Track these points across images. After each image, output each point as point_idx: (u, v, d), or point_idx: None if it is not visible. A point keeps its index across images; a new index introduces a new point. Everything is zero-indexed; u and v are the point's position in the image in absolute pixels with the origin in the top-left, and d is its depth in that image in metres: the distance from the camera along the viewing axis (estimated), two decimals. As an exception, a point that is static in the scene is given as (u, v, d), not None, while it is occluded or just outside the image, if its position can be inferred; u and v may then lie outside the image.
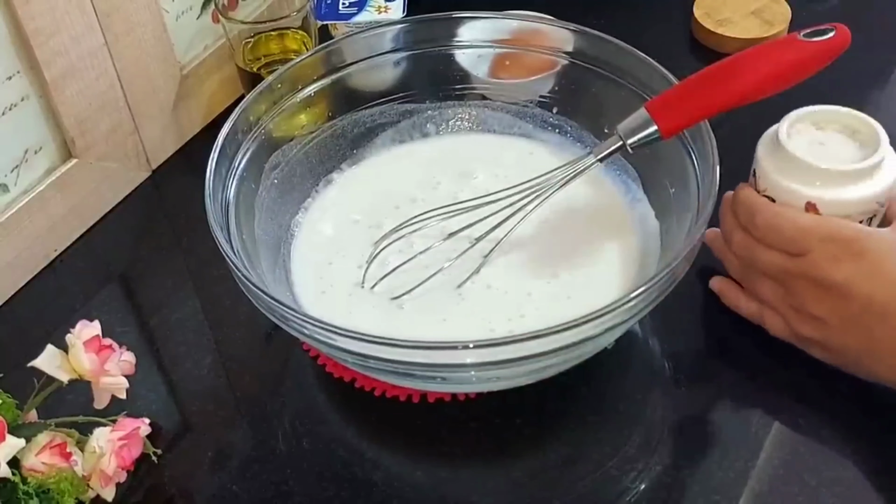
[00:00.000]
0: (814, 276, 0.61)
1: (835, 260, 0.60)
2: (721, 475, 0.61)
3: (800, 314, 0.63)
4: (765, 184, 0.65)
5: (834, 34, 0.62)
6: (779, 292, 0.64)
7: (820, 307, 0.61)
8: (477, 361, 0.57)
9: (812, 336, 0.62)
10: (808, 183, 0.63)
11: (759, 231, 0.63)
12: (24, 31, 0.69)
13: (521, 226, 0.67)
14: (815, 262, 0.60)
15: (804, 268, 0.61)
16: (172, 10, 0.82)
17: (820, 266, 0.60)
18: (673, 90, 0.65)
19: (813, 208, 0.63)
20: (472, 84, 0.79)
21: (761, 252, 0.64)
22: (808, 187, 0.63)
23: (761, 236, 0.63)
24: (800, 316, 0.63)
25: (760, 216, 0.63)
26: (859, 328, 0.60)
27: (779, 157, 0.64)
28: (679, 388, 0.66)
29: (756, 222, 0.63)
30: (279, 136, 0.73)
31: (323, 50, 0.75)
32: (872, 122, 0.65)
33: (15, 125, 0.72)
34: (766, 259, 0.63)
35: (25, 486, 0.56)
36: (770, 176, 0.64)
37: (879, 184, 0.63)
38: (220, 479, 0.64)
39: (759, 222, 0.63)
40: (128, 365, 0.62)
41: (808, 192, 0.63)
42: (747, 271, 0.66)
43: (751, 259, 0.65)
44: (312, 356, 0.69)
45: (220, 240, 0.61)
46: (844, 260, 0.60)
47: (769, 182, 0.64)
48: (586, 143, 0.76)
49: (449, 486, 0.63)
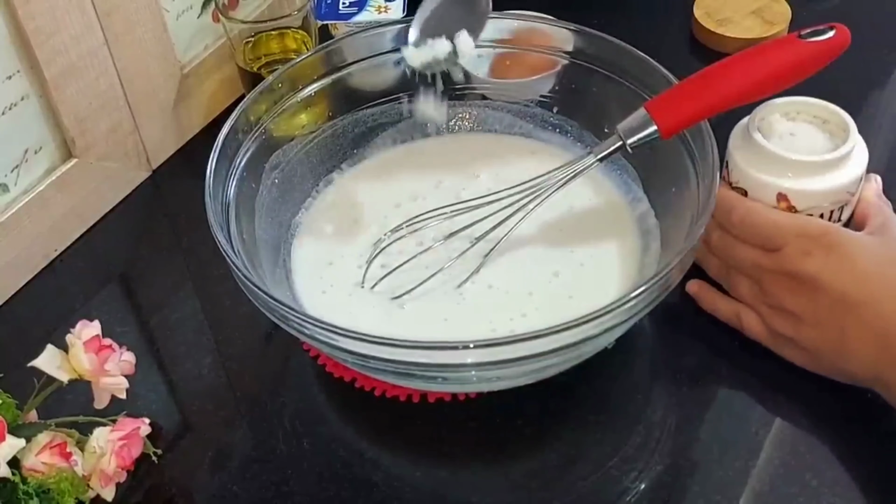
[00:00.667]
0: (787, 270, 0.62)
1: (806, 254, 0.61)
2: (721, 475, 0.61)
3: (774, 310, 0.63)
4: (737, 176, 0.66)
5: (833, 34, 0.63)
6: (755, 290, 0.65)
7: (793, 302, 0.62)
8: (477, 361, 0.57)
9: (786, 333, 0.63)
10: (779, 174, 0.64)
11: (735, 228, 0.64)
12: (24, 30, 0.69)
13: (522, 225, 0.67)
14: (788, 256, 0.62)
15: (778, 262, 0.62)
16: (173, 10, 0.82)
17: (793, 260, 0.61)
18: (673, 90, 0.65)
19: (784, 199, 0.64)
20: (473, 84, 0.79)
21: (738, 249, 0.65)
22: (779, 178, 0.64)
23: (737, 233, 0.64)
24: (774, 312, 0.63)
25: (736, 213, 0.64)
26: (831, 323, 0.61)
27: (750, 150, 0.65)
28: (679, 388, 0.66)
29: (732, 219, 0.64)
30: (279, 136, 0.73)
31: (323, 50, 0.75)
32: (841, 112, 0.66)
33: (15, 125, 0.72)
34: (743, 255, 0.64)
35: (25, 486, 0.56)
36: (741, 168, 0.65)
37: (849, 173, 0.64)
38: (220, 479, 0.64)
39: (735, 219, 0.64)
40: (128, 365, 0.62)
41: (779, 183, 0.64)
42: (725, 270, 0.67)
43: (728, 256, 0.66)
44: (312, 356, 0.69)
45: (220, 240, 0.61)
46: (816, 254, 0.61)
47: (741, 174, 0.65)
48: (587, 142, 0.76)
49: (449, 486, 0.63)
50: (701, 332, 0.69)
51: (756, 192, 0.65)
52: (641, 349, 0.69)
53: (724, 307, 0.67)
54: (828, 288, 0.60)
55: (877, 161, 0.69)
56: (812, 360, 0.63)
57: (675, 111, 0.63)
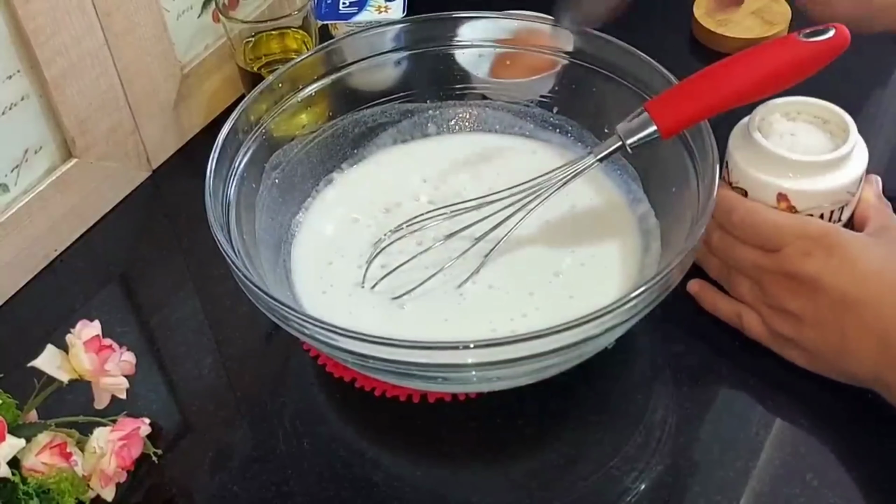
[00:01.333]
0: (787, 271, 0.62)
1: (807, 254, 0.61)
2: (721, 475, 0.61)
3: (775, 311, 0.63)
4: (737, 176, 0.66)
5: (833, 34, 0.62)
6: (755, 290, 0.65)
7: (794, 302, 0.62)
8: (477, 361, 0.57)
9: (787, 333, 0.63)
10: (779, 174, 0.64)
11: (736, 228, 0.64)
12: (24, 30, 0.69)
13: (522, 226, 0.67)
14: (788, 256, 0.62)
15: (779, 263, 0.62)
16: (173, 10, 0.82)
17: (793, 260, 0.61)
18: (673, 90, 0.65)
19: (784, 199, 0.64)
20: (473, 84, 0.79)
21: (738, 249, 0.65)
22: (779, 178, 0.64)
23: (738, 234, 0.65)
24: (775, 313, 0.64)
25: (736, 213, 0.64)
26: (831, 323, 0.61)
27: (750, 149, 0.65)
28: (679, 388, 0.66)
29: (732, 220, 0.64)
30: (280, 136, 0.73)
31: (323, 50, 0.75)
32: (842, 112, 0.66)
33: (15, 125, 0.72)
34: (743, 256, 0.64)
35: (25, 486, 0.56)
36: (741, 168, 0.65)
37: (849, 174, 0.64)
38: (221, 480, 0.64)
39: (735, 220, 0.64)
40: (128, 365, 0.62)
41: (779, 183, 0.64)
42: (726, 271, 0.67)
43: (728, 257, 0.66)
44: (312, 356, 0.69)
45: (221, 240, 0.61)
46: (816, 254, 0.61)
47: (741, 174, 0.65)
48: (587, 142, 0.76)
49: (449, 486, 0.63)
50: (701, 332, 0.69)
51: (756, 192, 0.65)
52: (641, 349, 0.69)
53: (725, 307, 0.67)
54: (828, 288, 0.60)
55: (877, 161, 0.69)
56: (813, 360, 0.63)
57: (675, 111, 0.63)
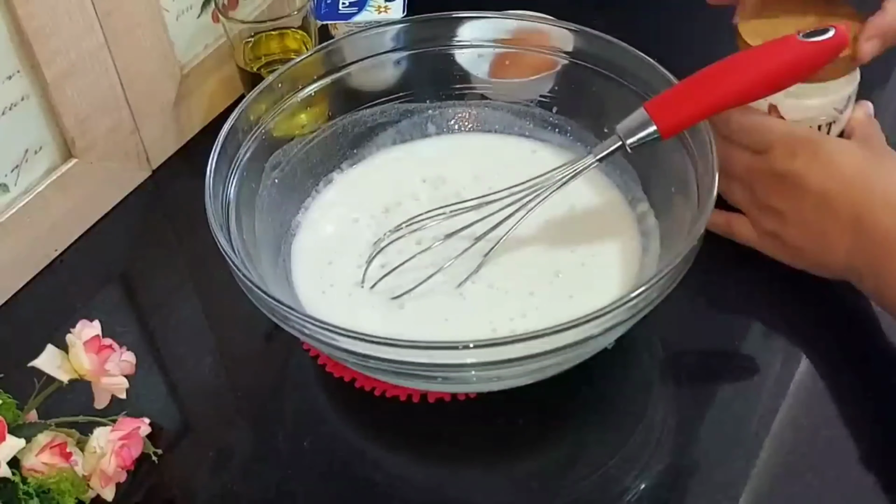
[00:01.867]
0: (775, 171, 0.65)
1: (793, 154, 0.64)
2: (721, 475, 0.61)
3: (762, 210, 0.67)
4: None
5: (833, 34, 0.63)
6: (747, 193, 0.68)
7: (779, 200, 0.65)
8: (477, 361, 0.57)
9: (772, 229, 0.67)
10: None
11: (733, 133, 0.67)
12: (24, 30, 0.69)
13: (522, 225, 0.67)
14: (776, 156, 0.65)
15: (768, 163, 0.66)
16: (172, 10, 0.82)
17: (780, 159, 0.65)
18: (672, 90, 0.65)
19: (775, 110, 0.67)
20: (473, 84, 0.78)
21: (733, 153, 0.68)
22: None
23: (734, 137, 0.68)
24: (762, 212, 0.67)
25: (734, 118, 0.67)
26: (814, 221, 0.64)
27: None
28: (679, 388, 0.67)
29: (730, 125, 0.67)
30: (279, 136, 0.73)
31: (323, 50, 0.75)
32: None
33: (15, 125, 0.72)
34: (737, 159, 0.68)
35: (25, 486, 0.56)
36: None
37: (839, 92, 0.68)
38: (221, 480, 0.64)
39: (733, 124, 0.67)
40: (128, 365, 0.62)
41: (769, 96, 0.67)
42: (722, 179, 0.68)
43: (725, 163, 0.67)
44: (312, 356, 0.69)
45: (221, 240, 0.61)
46: (801, 154, 0.64)
47: None
48: (587, 142, 0.76)
49: (449, 486, 0.63)
50: (701, 331, 0.69)
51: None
52: (641, 349, 0.69)
53: (716, 218, 0.70)
54: (811, 185, 0.63)
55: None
56: (795, 256, 0.67)
57: (674, 111, 0.63)
